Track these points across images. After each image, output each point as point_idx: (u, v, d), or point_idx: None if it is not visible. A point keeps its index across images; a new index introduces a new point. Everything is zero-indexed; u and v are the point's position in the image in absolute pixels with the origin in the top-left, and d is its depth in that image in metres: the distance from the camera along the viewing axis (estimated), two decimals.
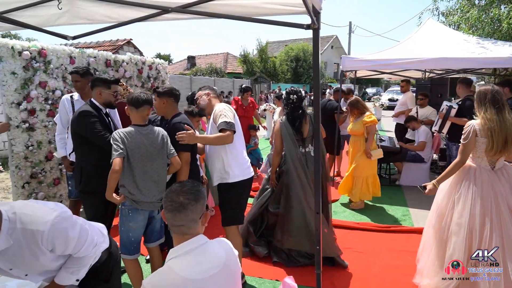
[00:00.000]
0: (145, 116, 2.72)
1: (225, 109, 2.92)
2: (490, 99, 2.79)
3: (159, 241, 2.85)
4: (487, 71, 7.54)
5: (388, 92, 26.39)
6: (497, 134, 2.71)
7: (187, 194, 1.47)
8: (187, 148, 2.82)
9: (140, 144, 2.56)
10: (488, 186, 2.79)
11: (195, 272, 1.41)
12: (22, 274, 1.67)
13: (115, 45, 15.45)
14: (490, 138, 2.73)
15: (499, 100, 2.78)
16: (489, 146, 2.76)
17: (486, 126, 2.74)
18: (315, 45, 1.85)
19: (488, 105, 2.79)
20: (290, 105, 3.60)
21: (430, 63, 5.65)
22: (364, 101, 5.39)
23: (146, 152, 2.58)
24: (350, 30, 30.35)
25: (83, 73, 3.67)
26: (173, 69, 30.24)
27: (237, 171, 2.97)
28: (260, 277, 3.34)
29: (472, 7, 7.36)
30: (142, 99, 2.66)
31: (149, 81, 6.49)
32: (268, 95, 21.28)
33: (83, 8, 2.42)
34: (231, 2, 2.02)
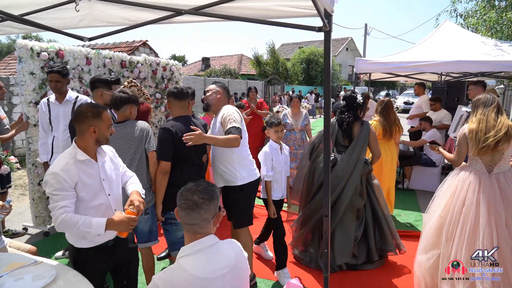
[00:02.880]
0: (127, 115, 2.76)
1: (234, 113, 2.92)
2: (482, 101, 2.83)
3: (148, 243, 2.85)
4: (506, 74, 7.37)
5: (403, 95, 26.04)
6: (475, 134, 2.76)
7: (202, 193, 1.49)
8: (164, 157, 2.75)
9: (115, 139, 2.61)
10: (478, 191, 2.77)
11: (205, 271, 1.43)
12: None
13: (131, 46, 15.71)
14: (470, 138, 2.80)
15: (490, 102, 2.80)
16: (469, 145, 2.83)
17: (469, 127, 2.82)
18: (326, 47, 1.85)
19: (478, 108, 2.85)
20: (337, 110, 3.69)
21: (446, 66, 5.56)
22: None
23: (121, 147, 2.60)
24: (365, 32, 30.07)
25: (66, 73, 3.55)
26: (187, 70, 30.52)
27: (245, 174, 3.00)
28: (269, 278, 3.35)
29: (491, 9, 7.20)
30: (122, 98, 2.71)
31: (163, 82, 6.57)
32: (281, 97, 21.25)
33: (102, 11, 2.49)
34: (244, 4, 2.04)
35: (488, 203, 2.69)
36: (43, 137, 3.74)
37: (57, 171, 1.88)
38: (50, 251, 3.81)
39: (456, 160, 2.98)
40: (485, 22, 7.26)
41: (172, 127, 2.75)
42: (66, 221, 1.84)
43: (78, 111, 2.01)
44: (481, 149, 2.74)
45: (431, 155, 6.13)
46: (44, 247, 3.84)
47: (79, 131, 2.00)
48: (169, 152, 2.74)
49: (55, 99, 3.63)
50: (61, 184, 1.88)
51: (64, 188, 1.89)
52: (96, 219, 1.89)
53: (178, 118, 2.87)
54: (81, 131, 1.99)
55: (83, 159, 1.98)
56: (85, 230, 1.86)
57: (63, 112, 3.62)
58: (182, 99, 2.89)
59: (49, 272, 1.85)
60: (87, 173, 1.98)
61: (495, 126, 2.72)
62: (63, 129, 3.64)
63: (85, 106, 2.04)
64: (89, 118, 1.98)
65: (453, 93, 7.75)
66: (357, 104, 3.57)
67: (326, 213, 2.16)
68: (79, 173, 1.94)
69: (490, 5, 7.29)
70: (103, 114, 2.03)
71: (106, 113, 2.06)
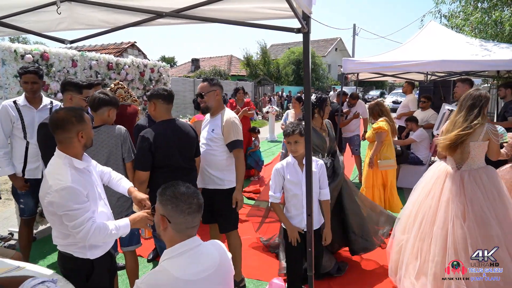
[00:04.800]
0: (105, 118, 2.70)
1: (238, 123, 3.00)
2: (464, 105, 2.90)
3: (130, 247, 2.83)
4: (490, 73, 7.49)
5: (392, 94, 26.29)
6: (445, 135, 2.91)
7: (198, 195, 1.52)
8: (140, 166, 2.67)
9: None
10: (442, 186, 2.93)
11: (189, 273, 1.43)
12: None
13: (119, 48, 15.61)
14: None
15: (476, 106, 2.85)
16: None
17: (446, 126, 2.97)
18: (305, 49, 1.87)
19: (459, 109, 2.93)
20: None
21: (431, 66, 5.63)
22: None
23: (94, 155, 2.48)
24: (354, 32, 30.35)
25: (42, 74, 3.31)
26: (177, 71, 30.40)
27: (232, 178, 3.03)
28: (257, 279, 3.36)
29: (474, 10, 7.33)
30: (100, 100, 2.67)
31: (151, 83, 6.55)
32: (271, 98, 21.30)
33: (82, 13, 2.47)
34: (223, 7, 2.05)
35: (449, 197, 2.83)
36: (4, 146, 3.27)
37: (69, 185, 1.76)
38: (36, 257, 3.77)
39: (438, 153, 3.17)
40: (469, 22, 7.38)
41: (151, 134, 2.66)
42: (100, 229, 1.81)
43: (60, 119, 1.87)
44: (441, 147, 2.95)
45: (418, 154, 6.20)
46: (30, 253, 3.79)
47: (64, 139, 1.87)
48: (146, 161, 2.66)
49: (27, 102, 3.31)
50: (79, 197, 1.78)
51: (83, 200, 1.80)
52: (119, 220, 1.92)
53: (161, 123, 2.79)
54: (67, 139, 1.87)
55: (82, 167, 1.91)
56: (115, 234, 1.87)
57: (39, 118, 3.27)
58: (171, 102, 2.83)
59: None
60: (88, 182, 1.93)
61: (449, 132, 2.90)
62: None
63: (65, 112, 1.91)
64: (75, 124, 1.88)
65: (440, 92, 7.84)
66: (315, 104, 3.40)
67: (309, 212, 2.18)
68: (84, 182, 1.87)
69: (473, 6, 7.41)
70: (85, 116, 1.95)
71: (85, 114, 1.99)
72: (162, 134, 2.70)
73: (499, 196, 2.78)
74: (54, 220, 1.86)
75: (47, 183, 1.80)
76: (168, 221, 1.46)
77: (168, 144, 2.72)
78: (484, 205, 2.72)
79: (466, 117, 2.83)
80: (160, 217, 1.48)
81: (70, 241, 1.89)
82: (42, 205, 1.86)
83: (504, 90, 5.26)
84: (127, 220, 1.93)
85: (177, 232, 1.47)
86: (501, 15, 6.43)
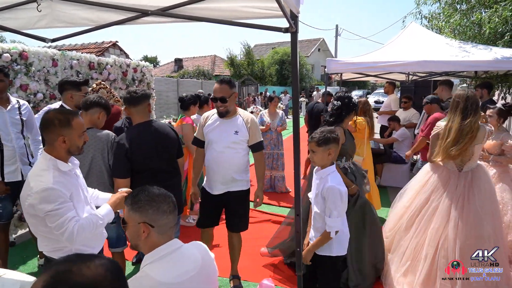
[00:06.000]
0: (95, 120, 2.66)
1: (258, 124, 3.06)
2: (462, 107, 2.90)
3: (117, 249, 2.82)
4: (468, 73, 7.70)
5: (374, 94, 26.70)
6: (446, 140, 2.87)
7: (170, 194, 1.51)
8: (117, 174, 2.61)
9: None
10: (449, 190, 2.93)
11: (172, 276, 1.40)
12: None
13: (100, 47, 15.31)
14: (441, 140, 2.93)
15: (469, 109, 2.88)
16: (439, 148, 2.94)
17: (445, 131, 2.92)
18: (293, 48, 1.87)
19: (457, 114, 2.90)
20: (331, 112, 3.42)
21: (413, 66, 5.74)
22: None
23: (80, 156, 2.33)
24: (336, 33, 30.68)
25: (7, 72, 3.20)
26: (160, 71, 30.08)
27: (249, 178, 3.09)
28: (248, 280, 3.36)
29: (454, 12, 7.50)
30: (94, 100, 2.63)
31: (133, 83, 6.45)
32: (255, 98, 21.32)
33: (63, 11, 2.40)
34: (210, 5, 2.03)
35: (451, 200, 2.85)
36: None
37: (50, 186, 1.72)
38: (16, 262, 3.65)
39: (428, 156, 3.14)
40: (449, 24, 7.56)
41: (126, 139, 2.61)
42: (84, 226, 1.77)
43: (44, 119, 1.83)
44: (446, 156, 2.91)
45: (401, 153, 6.32)
46: (9, 258, 3.66)
47: (47, 140, 1.84)
48: (123, 168, 2.60)
49: None
50: (60, 197, 1.73)
51: (66, 201, 1.75)
52: (99, 209, 1.89)
53: (136, 126, 2.73)
54: (49, 141, 1.83)
55: (67, 169, 1.86)
56: (101, 224, 1.86)
57: (10, 118, 3.19)
58: (138, 104, 2.69)
59: (13, 285, 1.77)
60: (73, 184, 1.88)
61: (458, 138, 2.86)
62: (16, 137, 3.24)
63: (52, 113, 1.86)
64: (56, 127, 1.81)
65: (420, 92, 8.02)
66: (353, 105, 3.32)
67: (298, 212, 2.18)
68: (67, 184, 1.82)
69: (453, 8, 7.59)
70: (73, 121, 1.86)
71: (77, 119, 1.90)
72: (137, 138, 2.65)
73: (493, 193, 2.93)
74: (36, 224, 1.81)
75: (29, 185, 1.76)
76: (151, 226, 1.42)
77: (144, 147, 2.67)
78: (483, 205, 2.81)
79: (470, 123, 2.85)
80: (141, 225, 1.41)
81: (55, 246, 1.84)
82: (23, 207, 1.81)
83: (481, 90, 5.43)
84: (108, 206, 1.91)
85: (160, 235, 1.45)
86: (480, 17, 6.60)
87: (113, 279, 0.86)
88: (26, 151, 3.39)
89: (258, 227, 4.61)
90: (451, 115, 2.95)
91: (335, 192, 2.18)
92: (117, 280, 0.88)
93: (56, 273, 0.82)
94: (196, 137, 3.07)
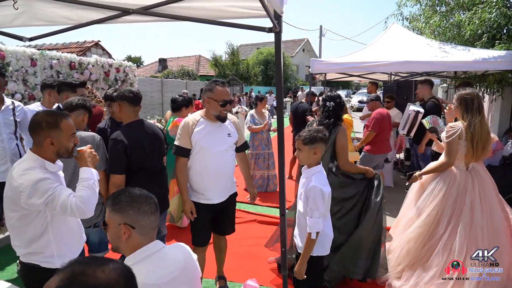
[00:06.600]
0: (79, 122, 2.61)
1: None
2: (477, 106, 2.90)
3: (98, 254, 2.77)
4: (448, 74, 7.88)
5: (358, 94, 27.04)
6: (477, 141, 2.85)
7: (152, 194, 1.49)
8: (116, 170, 2.58)
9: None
10: (464, 188, 2.95)
11: (154, 277, 1.39)
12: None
13: (82, 47, 15.01)
14: (470, 143, 2.87)
15: (482, 107, 2.93)
16: (470, 151, 2.89)
17: (470, 131, 2.85)
18: (277, 48, 1.87)
19: (475, 112, 2.89)
20: (325, 113, 3.23)
21: (394, 66, 5.85)
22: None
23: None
24: (321, 33, 30.98)
25: (3, 72, 3.24)
26: (144, 71, 29.70)
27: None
28: (232, 281, 3.34)
29: (434, 13, 7.66)
30: (80, 101, 2.60)
31: (116, 84, 6.35)
32: (240, 98, 21.31)
33: (41, 9, 2.33)
34: (194, 4, 2.01)
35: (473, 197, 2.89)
36: None
37: (41, 176, 1.74)
38: None
39: (451, 162, 3.00)
40: (429, 25, 7.71)
41: (125, 137, 2.58)
42: (83, 196, 1.79)
43: (34, 121, 1.83)
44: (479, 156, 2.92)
45: None
46: None
47: (35, 141, 1.83)
48: (121, 164, 2.58)
49: None
50: (53, 183, 1.77)
51: (58, 185, 1.79)
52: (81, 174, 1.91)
53: (131, 124, 2.71)
54: (38, 142, 1.82)
55: (54, 171, 1.85)
56: (94, 183, 1.89)
57: (3, 119, 3.23)
58: (138, 104, 2.75)
59: None
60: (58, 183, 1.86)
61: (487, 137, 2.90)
62: (8, 138, 3.27)
63: (40, 115, 1.84)
64: (44, 129, 1.80)
65: (403, 92, 8.15)
66: (344, 102, 3.30)
67: (283, 212, 2.18)
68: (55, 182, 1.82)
69: (433, 10, 7.75)
70: (61, 124, 1.84)
71: (66, 121, 1.87)
72: (136, 136, 2.65)
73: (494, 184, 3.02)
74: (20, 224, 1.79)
75: (15, 183, 1.74)
76: (131, 228, 1.40)
77: (142, 145, 2.68)
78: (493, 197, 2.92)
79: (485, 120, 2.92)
80: (122, 227, 1.39)
81: (33, 249, 1.79)
82: (8, 208, 1.79)
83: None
84: (86, 169, 1.94)
85: (142, 236, 1.43)
86: (459, 19, 6.77)
87: (126, 284, 0.88)
88: (19, 151, 3.39)
89: (243, 227, 4.60)
90: (467, 115, 2.90)
91: (317, 192, 2.14)
92: (129, 285, 0.90)
93: (72, 274, 0.83)
94: (180, 146, 2.74)
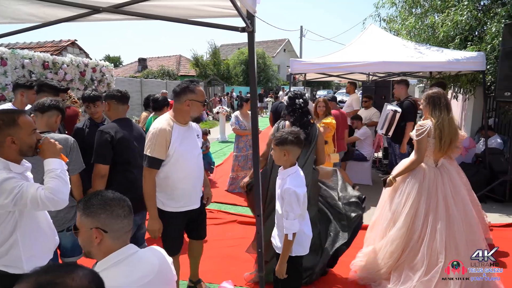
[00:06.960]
0: (52, 123, 2.55)
1: None
2: (444, 104, 2.98)
3: (72, 258, 2.71)
4: (424, 74, 8.07)
5: (337, 94, 27.37)
6: (445, 136, 2.91)
7: (126, 198, 1.46)
8: (101, 160, 2.64)
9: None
10: (434, 183, 3.00)
11: (128, 281, 1.35)
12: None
13: (58, 46, 14.55)
14: (438, 139, 2.93)
15: (450, 106, 3.00)
16: (437, 147, 2.95)
17: (438, 128, 2.92)
18: (250, 48, 1.86)
19: (443, 109, 2.97)
20: (298, 111, 3.16)
21: (372, 67, 5.95)
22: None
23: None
24: (301, 34, 31.22)
25: None
26: (123, 71, 29.16)
27: None
28: (209, 282, 3.30)
29: (410, 15, 7.84)
30: (52, 102, 2.54)
31: (92, 84, 6.21)
32: (221, 98, 21.21)
33: (5, 6, 2.24)
34: (165, 3, 1.97)
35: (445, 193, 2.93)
36: None
37: (4, 176, 1.69)
38: None
39: (420, 159, 3.03)
40: (405, 26, 7.89)
41: (111, 129, 2.73)
42: (53, 186, 1.74)
43: None
44: (446, 151, 2.97)
45: (363, 151, 6.50)
46: None
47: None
48: (106, 154, 2.68)
49: None
50: (19, 181, 1.72)
51: (24, 182, 1.74)
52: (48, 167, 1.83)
53: (119, 121, 2.87)
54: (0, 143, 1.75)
55: (19, 171, 1.80)
56: (63, 171, 1.84)
57: None
58: (126, 103, 2.94)
59: None
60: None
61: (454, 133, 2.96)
62: None
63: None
64: (2, 129, 1.74)
65: (380, 92, 8.30)
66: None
67: (258, 213, 2.17)
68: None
69: (409, 12, 7.93)
70: (19, 120, 1.78)
71: (24, 117, 1.82)
72: (122, 130, 2.78)
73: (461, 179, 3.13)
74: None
75: None
76: (104, 232, 1.36)
77: (129, 139, 2.80)
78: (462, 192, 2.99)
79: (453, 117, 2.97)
80: (93, 231, 1.36)
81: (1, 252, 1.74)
82: None
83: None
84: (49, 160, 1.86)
85: (114, 240, 1.39)
86: (433, 20, 6.94)
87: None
88: None
89: (223, 228, 4.57)
90: (435, 112, 2.96)
91: (291, 194, 2.12)
92: None
93: (37, 285, 0.78)
94: (156, 158, 2.44)
